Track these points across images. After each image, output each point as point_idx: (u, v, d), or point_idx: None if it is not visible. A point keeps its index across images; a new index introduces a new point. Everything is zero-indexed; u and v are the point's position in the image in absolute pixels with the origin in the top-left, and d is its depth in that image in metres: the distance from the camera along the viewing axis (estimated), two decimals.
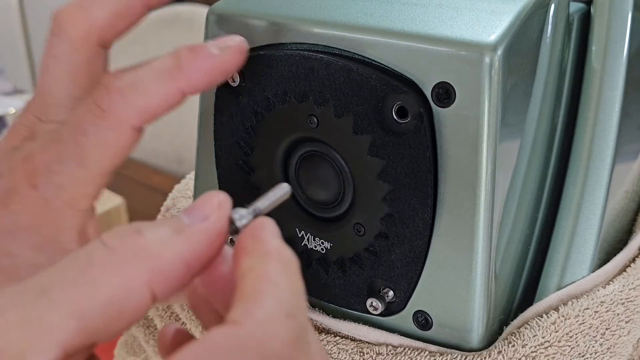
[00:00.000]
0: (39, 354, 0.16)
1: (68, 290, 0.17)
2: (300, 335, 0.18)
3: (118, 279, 0.18)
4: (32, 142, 0.26)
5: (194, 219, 0.20)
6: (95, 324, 0.17)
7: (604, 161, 0.28)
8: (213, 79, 0.24)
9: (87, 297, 0.17)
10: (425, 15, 0.25)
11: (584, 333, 0.27)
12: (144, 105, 0.24)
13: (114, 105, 0.24)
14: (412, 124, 0.25)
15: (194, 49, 0.24)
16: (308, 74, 0.26)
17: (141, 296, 0.18)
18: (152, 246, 0.18)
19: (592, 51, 0.28)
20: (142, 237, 0.19)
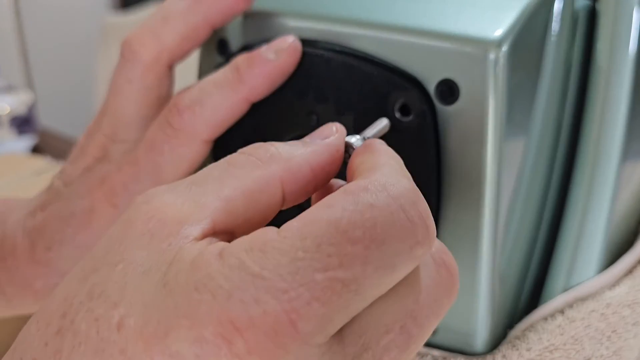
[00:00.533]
0: (194, 223, 0.18)
1: (215, 182, 0.19)
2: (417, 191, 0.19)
3: (257, 172, 0.20)
4: (106, 163, 0.28)
5: (316, 139, 0.22)
6: (237, 208, 0.19)
7: (610, 160, 0.27)
8: (274, 83, 0.26)
9: (231, 186, 0.19)
10: (429, 11, 0.25)
11: (590, 336, 0.26)
12: (213, 120, 0.26)
13: (185, 123, 0.26)
14: (415, 122, 0.24)
15: (251, 59, 0.25)
16: (308, 70, 0.26)
17: (275, 191, 0.20)
18: (283, 152, 0.21)
19: (598, 48, 0.28)
20: (273, 147, 0.21)
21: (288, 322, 0.16)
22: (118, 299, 0.17)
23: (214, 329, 0.16)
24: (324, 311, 0.16)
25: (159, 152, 0.26)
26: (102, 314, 0.17)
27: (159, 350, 0.16)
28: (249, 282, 0.16)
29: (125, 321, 0.17)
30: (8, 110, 1.02)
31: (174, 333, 0.16)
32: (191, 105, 0.26)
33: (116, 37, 0.88)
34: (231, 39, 0.29)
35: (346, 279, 0.16)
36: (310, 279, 0.16)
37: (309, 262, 0.16)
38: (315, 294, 0.16)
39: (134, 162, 0.27)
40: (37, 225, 0.29)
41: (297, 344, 0.16)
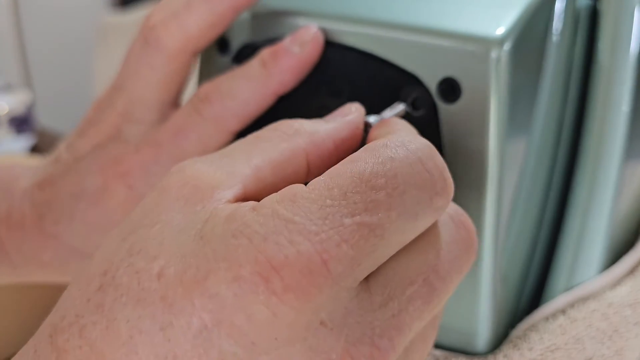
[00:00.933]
0: (226, 188, 0.19)
1: (244, 153, 0.21)
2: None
3: (284, 145, 0.21)
4: (121, 142, 0.28)
5: (337, 117, 0.23)
6: (266, 177, 0.20)
7: (612, 160, 0.27)
8: (301, 75, 0.26)
9: (259, 157, 0.21)
10: (431, 9, 0.25)
11: (591, 336, 0.26)
12: (243, 113, 0.26)
13: (216, 113, 0.26)
14: (427, 117, 0.24)
15: (276, 53, 0.26)
16: (322, 63, 0.26)
17: (300, 162, 0.21)
18: (307, 127, 0.22)
19: (600, 47, 0.28)
20: (297, 122, 0.22)
21: (321, 262, 0.17)
22: (157, 253, 0.18)
23: (252, 268, 0.17)
24: (352, 254, 0.17)
25: (185, 138, 0.27)
26: (142, 267, 0.18)
27: (199, 293, 0.17)
28: (283, 226, 0.17)
29: (165, 271, 0.17)
30: (6, 110, 1.02)
31: (213, 276, 0.17)
32: (222, 97, 0.26)
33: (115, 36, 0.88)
34: (232, 38, 0.29)
35: (372, 223, 0.17)
36: (339, 223, 0.17)
37: (337, 209, 0.17)
38: (344, 237, 0.17)
39: (154, 144, 0.27)
40: (46, 198, 0.29)
41: (329, 283, 0.17)
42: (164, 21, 0.27)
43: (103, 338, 0.17)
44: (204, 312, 0.17)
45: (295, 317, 0.17)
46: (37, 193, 0.29)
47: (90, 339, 0.17)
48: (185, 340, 0.17)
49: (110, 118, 0.29)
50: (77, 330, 0.18)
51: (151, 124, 0.28)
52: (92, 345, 0.17)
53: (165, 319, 0.17)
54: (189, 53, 0.28)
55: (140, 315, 0.17)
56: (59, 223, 0.29)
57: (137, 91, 0.28)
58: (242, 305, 0.17)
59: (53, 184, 0.29)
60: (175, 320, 0.17)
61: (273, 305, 0.17)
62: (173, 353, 0.17)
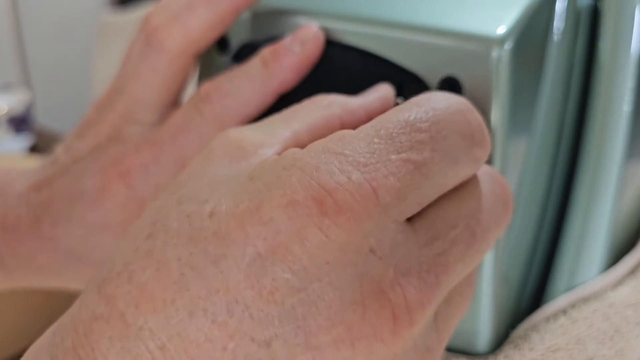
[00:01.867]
0: (268, 146, 0.21)
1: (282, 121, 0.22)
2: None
3: (320, 112, 0.22)
4: (120, 143, 0.28)
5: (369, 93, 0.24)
6: (304, 140, 0.21)
7: (613, 159, 0.27)
8: (301, 74, 0.26)
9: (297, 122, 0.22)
10: (432, 8, 0.25)
11: (592, 336, 0.26)
12: (242, 111, 0.26)
13: (217, 113, 0.26)
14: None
15: (276, 52, 0.26)
16: (322, 62, 0.26)
17: (336, 127, 0.22)
18: (341, 99, 0.23)
19: (601, 47, 0.28)
20: (331, 95, 0.23)
21: (370, 189, 0.18)
22: (207, 197, 0.19)
23: (305, 193, 0.17)
24: (399, 186, 0.18)
25: (186, 138, 0.27)
26: (193, 211, 0.18)
27: (253, 222, 0.17)
28: (333, 158, 0.18)
29: (217, 209, 0.18)
30: (5, 110, 1.02)
31: (267, 203, 0.18)
32: (223, 96, 0.26)
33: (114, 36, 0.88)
34: (232, 37, 0.29)
35: (417, 161, 0.18)
36: (386, 158, 0.18)
37: (384, 146, 0.18)
38: (391, 170, 0.18)
39: (155, 144, 0.27)
40: (43, 200, 0.29)
41: (378, 210, 0.18)
42: (165, 23, 0.27)
43: (153, 280, 0.17)
44: (257, 240, 0.17)
45: (346, 239, 0.17)
46: (33, 195, 0.29)
47: (140, 282, 0.18)
48: (238, 271, 0.17)
49: (109, 119, 0.29)
50: (126, 277, 0.18)
51: (151, 125, 0.28)
52: (141, 289, 0.18)
53: (217, 252, 0.17)
54: (190, 55, 0.28)
55: (192, 252, 0.18)
56: (57, 225, 0.28)
57: (138, 92, 0.28)
58: (296, 229, 0.17)
59: (50, 185, 0.29)
60: (228, 251, 0.17)
61: (326, 227, 0.17)
62: (225, 285, 0.17)
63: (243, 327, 0.17)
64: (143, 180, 0.27)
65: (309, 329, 0.17)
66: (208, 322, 0.17)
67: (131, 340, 0.17)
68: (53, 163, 0.30)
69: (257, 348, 0.17)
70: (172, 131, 0.27)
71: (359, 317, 0.17)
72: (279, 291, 0.17)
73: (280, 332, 0.17)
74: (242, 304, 0.17)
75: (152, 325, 0.17)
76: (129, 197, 0.27)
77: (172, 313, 0.17)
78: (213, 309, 0.17)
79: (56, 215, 0.28)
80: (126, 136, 0.28)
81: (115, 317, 0.17)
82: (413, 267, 0.18)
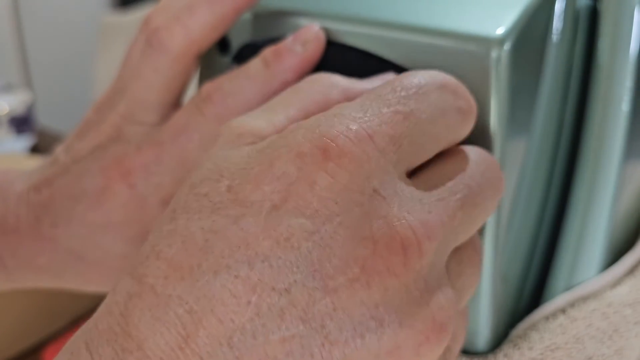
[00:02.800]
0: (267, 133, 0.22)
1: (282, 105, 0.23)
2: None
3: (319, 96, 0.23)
4: (122, 143, 0.28)
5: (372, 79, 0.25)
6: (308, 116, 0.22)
7: (612, 159, 0.27)
8: (302, 74, 0.26)
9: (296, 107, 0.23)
10: (430, 9, 0.25)
11: (591, 335, 0.26)
12: (244, 111, 0.26)
13: (218, 113, 0.27)
14: None
15: (278, 52, 0.26)
16: (323, 63, 0.26)
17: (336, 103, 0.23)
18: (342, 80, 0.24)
19: (600, 47, 0.28)
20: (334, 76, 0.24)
21: (367, 136, 0.19)
22: (219, 177, 0.20)
23: (310, 144, 0.19)
24: (392, 132, 0.20)
25: (187, 137, 0.27)
26: (209, 190, 0.20)
27: (267, 179, 0.19)
28: (332, 117, 0.20)
29: (232, 183, 0.19)
30: (7, 110, 1.02)
31: (277, 160, 0.19)
32: (225, 96, 0.27)
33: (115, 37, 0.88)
34: (233, 38, 0.29)
35: (405, 111, 0.20)
36: (378, 112, 0.20)
37: (375, 103, 0.20)
38: (383, 120, 0.20)
39: (156, 144, 0.27)
40: (43, 200, 0.29)
41: (376, 154, 0.19)
42: (167, 24, 0.27)
43: (179, 252, 0.18)
44: (273, 194, 0.19)
45: (350, 179, 0.19)
46: (33, 196, 0.29)
47: (167, 257, 0.19)
48: (256, 225, 0.18)
49: (110, 119, 0.29)
50: (154, 257, 0.19)
51: (152, 125, 0.28)
52: (169, 261, 0.18)
53: (237, 213, 0.19)
54: (191, 55, 0.28)
55: (214, 220, 0.19)
56: (57, 225, 0.28)
57: (139, 93, 0.28)
58: (306, 175, 0.19)
59: (50, 185, 0.29)
60: (247, 210, 0.19)
61: (331, 170, 0.19)
62: (245, 241, 0.18)
63: (264, 277, 0.18)
64: (144, 180, 0.27)
65: (326, 272, 0.18)
66: (231, 278, 0.18)
67: (160, 309, 0.18)
68: (53, 163, 0.30)
69: (279, 297, 0.18)
70: (174, 131, 0.27)
71: (370, 252, 0.18)
72: (294, 236, 0.18)
73: (299, 277, 0.18)
74: (262, 255, 0.18)
75: (180, 292, 0.18)
76: (130, 197, 0.27)
77: (198, 276, 0.18)
78: (235, 265, 0.18)
79: (56, 216, 0.28)
80: (127, 136, 0.28)
81: (146, 291, 0.18)
82: (416, 206, 0.19)
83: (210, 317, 0.17)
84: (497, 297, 0.25)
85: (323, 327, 0.18)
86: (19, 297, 0.63)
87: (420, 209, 0.19)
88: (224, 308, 0.18)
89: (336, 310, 0.18)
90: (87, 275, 0.29)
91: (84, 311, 0.69)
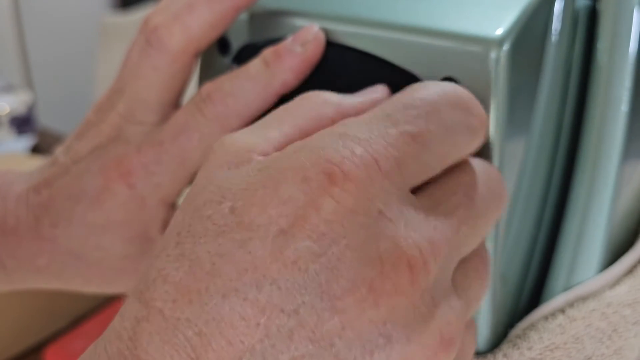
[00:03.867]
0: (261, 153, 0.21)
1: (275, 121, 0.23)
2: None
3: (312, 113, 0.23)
4: (121, 143, 0.28)
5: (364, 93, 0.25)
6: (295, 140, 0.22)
7: (611, 160, 0.27)
8: (302, 75, 0.26)
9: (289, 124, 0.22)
10: (430, 9, 0.25)
11: (590, 335, 0.26)
12: (244, 111, 0.27)
13: (218, 113, 0.27)
14: None
15: (278, 53, 0.26)
16: (322, 63, 0.26)
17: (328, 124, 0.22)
18: (335, 97, 0.24)
19: (599, 48, 0.28)
20: (326, 93, 0.24)
21: (372, 160, 0.19)
22: (221, 198, 0.20)
23: (315, 169, 0.19)
24: (397, 155, 0.20)
25: (187, 137, 0.27)
26: (213, 212, 0.19)
27: (273, 203, 0.19)
28: (337, 137, 0.20)
29: (235, 205, 0.19)
30: (7, 110, 1.02)
31: (283, 184, 0.19)
32: (225, 96, 0.27)
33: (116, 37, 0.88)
34: (233, 38, 0.29)
35: (413, 132, 0.20)
36: (385, 132, 0.20)
37: (382, 123, 0.20)
38: (390, 142, 0.20)
39: (156, 144, 0.27)
40: (43, 201, 0.29)
41: (380, 177, 0.19)
42: (166, 22, 0.27)
43: (187, 275, 0.19)
44: (280, 218, 0.19)
45: (355, 203, 0.19)
46: (33, 197, 0.29)
47: (175, 281, 0.19)
48: (263, 249, 0.18)
49: (110, 119, 0.29)
50: (161, 281, 0.19)
51: (152, 125, 0.28)
52: (177, 285, 0.19)
53: (244, 236, 0.19)
54: (191, 54, 0.28)
55: (220, 243, 0.19)
56: (57, 226, 0.28)
57: (139, 92, 0.28)
58: (312, 200, 0.19)
59: (50, 186, 0.29)
60: (254, 234, 0.19)
61: (336, 195, 0.19)
62: (253, 264, 0.18)
63: (272, 299, 0.18)
64: (144, 180, 0.27)
65: (333, 293, 0.18)
66: (240, 300, 0.18)
67: (169, 332, 0.18)
68: (53, 164, 0.30)
69: (287, 319, 0.18)
70: (174, 131, 0.27)
71: (378, 272, 0.18)
72: (301, 259, 0.18)
73: (307, 299, 0.18)
74: (270, 278, 0.18)
75: (189, 315, 0.18)
76: (130, 197, 0.27)
77: (206, 300, 0.18)
78: (243, 288, 0.18)
79: (56, 216, 0.28)
80: (127, 136, 0.28)
81: (154, 314, 0.18)
82: (421, 224, 0.20)
83: (220, 339, 0.18)
84: (496, 297, 0.25)
85: (332, 345, 0.18)
86: (19, 297, 0.63)
87: (425, 227, 0.20)
88: (233, 330, 0.18)
89: (344, 329, 0.18)
90: (86, 275, 0.29)
91: (84, 311, 0.69)
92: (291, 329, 0.18)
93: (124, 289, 0.30)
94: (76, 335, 0.65)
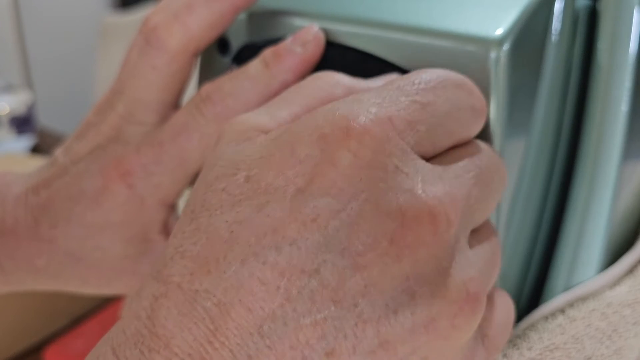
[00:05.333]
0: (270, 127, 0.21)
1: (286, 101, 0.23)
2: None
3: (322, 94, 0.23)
4: (121, 143, 0.28)
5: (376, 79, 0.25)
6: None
7: (611, 160, 0.27)
8: (302, 75, 0.26)
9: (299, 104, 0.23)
10: (429, 10, 0.25)
11: (590, 335, 0.26)
12: (244, 111, 0.26)
13: (219, 113, 0.27)
14: None
15: (278, 53, 0.26)
16: (322, 63, 0.26)
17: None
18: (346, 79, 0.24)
19: (599, 48, 0.28)
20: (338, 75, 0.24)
21: (387, 119, 0.19)
22: (235, 170, 0.19)
23: (332, 125, 0.19)
24: (409, 118, 0.20)
25: (187, 138, 0.27)
26: (227, 184, 0.19)
27: (290, 164, 0.19)
28: (351, 102, 0.20)
29: (250, 174, 0.19)
30: (7, 110, 1.02)
31: (298, 145, 0.19)
32: (224, 97, 0.27)
33: (115, 37, 0.88)
34: (232, 38, 0.29)
35: (422, 101, 0.20)
36: (396, 100, 0.20)
37: (393, 93, 0.20)
38: (401, 107, 0.20)
39: (155, 144, 0.27)
40: (42, 202, 0.29)
41: (395, 135, 0.19)
42: (165, 22, 0.27)
43: (204, 248, 0.18)
44: (297, 178, 0.19)
45: (373, 157, 0.19)
46: (31, 197, 0.29)
47: (192, 255, 0.18)
48: (282, 210, 0.18)
49: (110, 120, 0.29)
50: (178, 257, 0.19)
51: (152, 125, 0.28)
52: (194, 258, 0.18)
53: (261, 200, 0.18)
54: (190, 53, 0.28)
55: (238, 211, 0.18)
56: (56, 226, 0.28)
57: (139, 92, 0.28)
58: (329, 156, 0.19)
59: (49, 187, 0.29)
60: (271, 197, 0.18)
61: (353, 147, 0.19)
62: (272, 227, 0.18)
63: (292, 260, 0.17)
64: (144, 180, 0.27)
65: (354, 249, 0.18)
66: (259, 265, 0.18)
67: (188, 305, 0.17)
68: (52, 165, 0.30)
69: (308, 279, 0.17)
70: (173, 131, 0.27)
71: (399, 224, 0.18)
72: (321, 216, 0.18)
73: (328, 257, 0.18)
74: (289, 239, 0.18)
75: (208, 286, 0.18)
76: (129, 197, 0.27)
77: (225, 268, 0.18)
78: (263, 251, 0.18)
79: (55, 217, 0.28)
80: (127, 136, 0.28)
81: (172, 289, 0.18)
82: (437, 181, 0.20)
83: (239, 307, 0.17)
84: None
85: (355, 306, 0.18)
86: (19, 297, 0.63)
87: (442, 183, 0.20)
88: (252, 297, 0.17)
89: (367, 287, 0.18)
90: (85, 276, 0.29)
91: (83, 311, 0.69)
92: (312, 291, 0.17)
93: (123, 289, 0.30)
94: (76, 335, 0.65)
